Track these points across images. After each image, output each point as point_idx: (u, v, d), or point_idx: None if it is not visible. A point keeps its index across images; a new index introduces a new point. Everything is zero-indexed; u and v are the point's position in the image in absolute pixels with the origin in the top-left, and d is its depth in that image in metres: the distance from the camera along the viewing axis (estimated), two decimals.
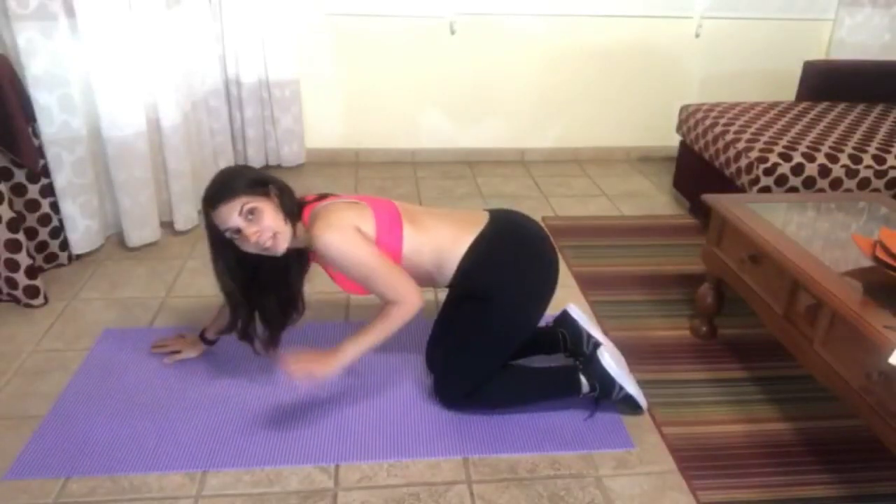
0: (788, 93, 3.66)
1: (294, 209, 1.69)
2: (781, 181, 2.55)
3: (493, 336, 1.77)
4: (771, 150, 2.58)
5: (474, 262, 1.74)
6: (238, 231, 1.59)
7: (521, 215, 1.90)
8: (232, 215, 1.58)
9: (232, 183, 1.61)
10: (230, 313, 1.79)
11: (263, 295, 1.80)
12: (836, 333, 1.56)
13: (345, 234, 1.61)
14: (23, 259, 2.21)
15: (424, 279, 1.79)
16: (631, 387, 1.81)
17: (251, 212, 1.59)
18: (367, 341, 1.64)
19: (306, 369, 1.60)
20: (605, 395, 1.81)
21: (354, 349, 1.63)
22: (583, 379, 1.80)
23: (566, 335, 1.98)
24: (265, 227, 1.59)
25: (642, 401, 1.83)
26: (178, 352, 2.01)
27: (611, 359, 1.81)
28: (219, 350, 2.05)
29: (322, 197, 1.76)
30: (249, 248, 1.62)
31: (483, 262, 1.74)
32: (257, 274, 1.77)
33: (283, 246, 1.64)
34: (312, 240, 1.62)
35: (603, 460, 1.70)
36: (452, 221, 1.78)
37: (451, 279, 1.77)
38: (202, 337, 2.01)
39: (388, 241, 1.69)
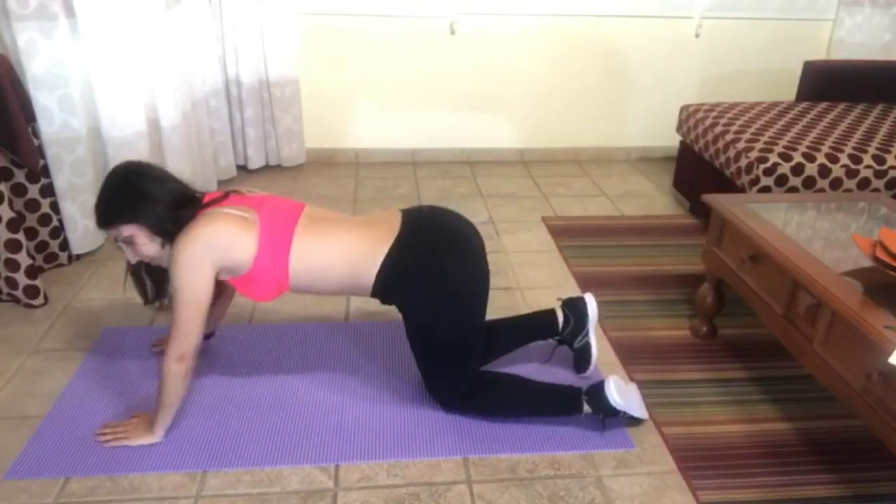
0: (788, 93, 3.67)
1: (170, 228, 1.61)
2: (781, 181, 2.55)
3: (444, 342, 1.72)
4: (771, 150, 2.58)
5: (390, 277, 1.66)
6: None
7: (437, 212, 1.81)
8: (109, 236, 1.65)
9: (104, 211, 1.62)
10: (136, 282, 1.78)
11: None
12: (836, 333, 1.56)
13: (188, 261, 1.57)
14: (23, 259, 2.21)
15: (342, 290, 1.74)
16: (636, 411, 1.78)
17: (125, 240, 1.63)
18: (166, 411, 1.68)
19: (120, 440, 1.68)
20: (610, 417, 1.77)
21: (160, 423, 1.69)
22: (586, 405, 1.76)
23: (570, 320, 1.95)
24: (139, 253, 1.65)
25: (645, 415, 1.81)
26: None
27: (616, 393, 1.73)
28: (218, 350, 2.05)
29: (225, 196, 1.69)
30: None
31: (399, 276, 1.67)
32: None
33: (163, 264, 1.67)
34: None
35: (603, 460, 1.70)
36: (361, 235, 1.68)
37: (371, 292, 1.71)
38: None
39: (270, 267, 1.63)
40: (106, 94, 2.47)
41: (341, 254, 1.66)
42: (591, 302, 1.98)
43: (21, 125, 2.20)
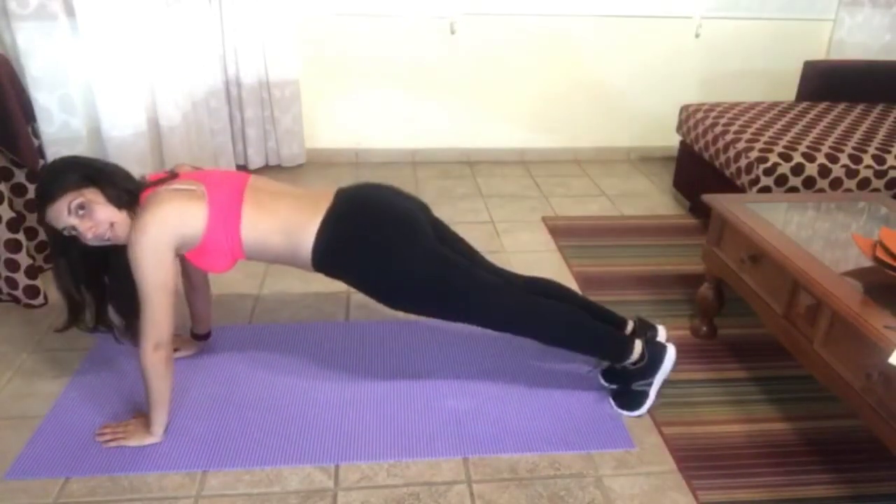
0: (788, 93, 3.66)
1: (125, 196, 1.62)
2: (781, 181, 2.55)
3: (426, 287, 1.73)
4: (771, 150, 2.58)
5: (325, 253, 1.69)
6: (75, 228, 1.58)
7: (369, 189, 1.84)
8: (62, 215, 1.56)
9: (55, 181, 1.57)
10: (70, 311, 1.72)
11: (116, 283, 1.71)
12: (836, 333, 1.56)
13: (146, 249, 1.55)
14: (23, 259, 2.21)
15: (286, 262, 1.75)
16: (654, 392, 1.83)
17: (81, 206, 1.56)
18: (158, 406, 1.66)
19: (119, 440, 1.68)
20: (639, 375, 1.83)
21: (156, 421, 1.68)
22: (638, 345, 1.82)
23: (645, 358, 1.84)
24: (98, 221, 1.57)
25: (645, 409, 1.83)
26: (175, 349, 2.01)
27: (670, 362, 1.83)
28: (218, 350, 2.05)
29: (170, 175, 1.70)
30: (92, 242, 1.60)
31: (333, 252, 1.69)
32: (108, 262, 1.70)
33: (122, 234, 1.60)
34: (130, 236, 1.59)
35: (603, 460, 1.70)
36: (294, 209, 1.70)
37: (311, 267, 1.73)
38: (193, 335, 2.02)
39: (222, 236, 1.65)
40: (106, 94, 2.48)
41: (279, 225, 1.68)
42: (670, 355, 1.86)
43: (21, 125, 2.20)
